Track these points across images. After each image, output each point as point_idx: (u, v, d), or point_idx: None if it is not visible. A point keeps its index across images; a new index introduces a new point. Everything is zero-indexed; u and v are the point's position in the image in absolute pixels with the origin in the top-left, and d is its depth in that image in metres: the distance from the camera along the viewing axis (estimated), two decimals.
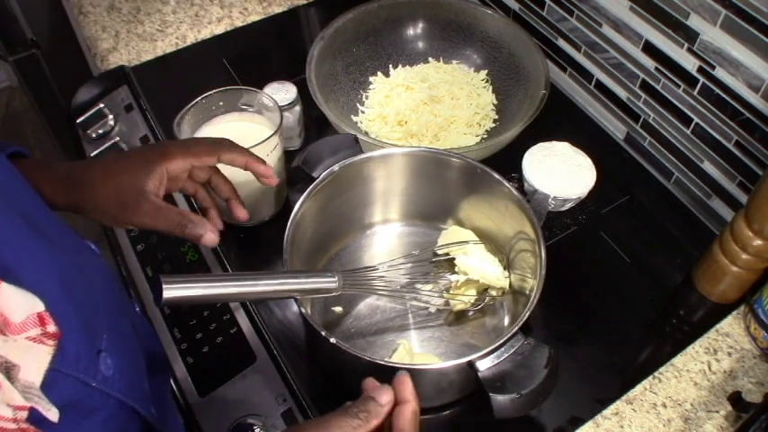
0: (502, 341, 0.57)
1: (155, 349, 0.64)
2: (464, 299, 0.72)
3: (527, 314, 0.59)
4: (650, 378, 0.70)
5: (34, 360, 0.35)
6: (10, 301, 0.33)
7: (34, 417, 0.33)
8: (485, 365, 0.57)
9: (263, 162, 0.63)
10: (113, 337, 0.45)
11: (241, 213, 0.64)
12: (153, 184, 0.55)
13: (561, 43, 0.98)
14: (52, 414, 0.32)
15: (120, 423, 0.44)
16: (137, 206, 0.54)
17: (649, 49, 0.83)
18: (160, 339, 0.70)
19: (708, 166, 0.84)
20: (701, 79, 0.78)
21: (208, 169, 0.63)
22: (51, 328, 0.36)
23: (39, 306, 0.35)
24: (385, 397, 0.48)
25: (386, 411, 0.47)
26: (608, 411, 0.68)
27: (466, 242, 0.74)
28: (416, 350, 0.71)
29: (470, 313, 0.73)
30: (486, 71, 0.97)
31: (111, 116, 0.93)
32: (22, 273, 0.36)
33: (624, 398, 0.69)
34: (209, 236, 0.55)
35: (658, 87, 0.85)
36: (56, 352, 0.36)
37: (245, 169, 0.62)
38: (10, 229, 0.39)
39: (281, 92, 0.84)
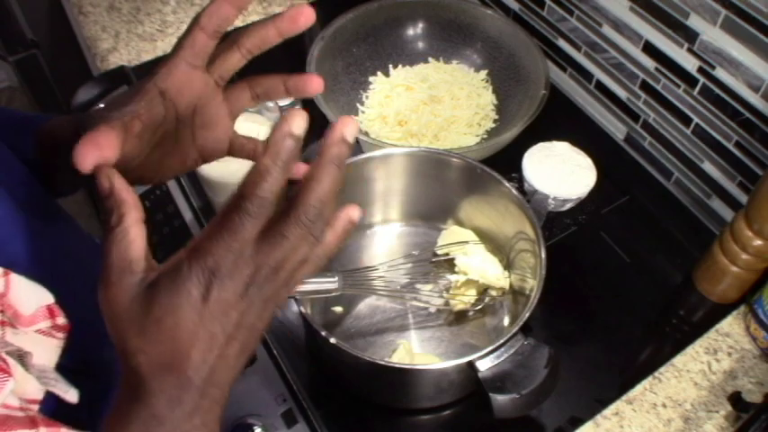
0: (502, 341, 0.57)
1: None
2: (464, 299, 0.72)
3: (527, 314, 0.59)
4: (650, 378, 0.70)
5: (44, 352, 0.35)
6: (20, 294, 0.33)
7: (47, 409, 0.33)
8: (485, 365, 0.57)
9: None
10: None
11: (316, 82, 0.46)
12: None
13: (561, 43, 0.98)
14: (71, 395, 0.32)
15: None
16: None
17: (649, 49, 0.83)
18: None
19: (708, 166, 0.84)
20: (701, 79, 0.78)
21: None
22: (61, 320, 0.36)
23: (48, 298, 0.36)
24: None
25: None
26: (608, 411, 0.68)
27: (466, 242, 0.74)
28: (416, 350, 0.71)
29: (470, 313, 0.73)
30: (486, 71, 0.97)
31: None
32: (30, 266, 0.36)
33: (624, 398, 0.69)
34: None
35: (658, 87, 0.85)
36: (65, 345, 0.36)
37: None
38: (19, 223, 0.39)
39: None
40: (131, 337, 0.32)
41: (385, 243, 0.80)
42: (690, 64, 0.79)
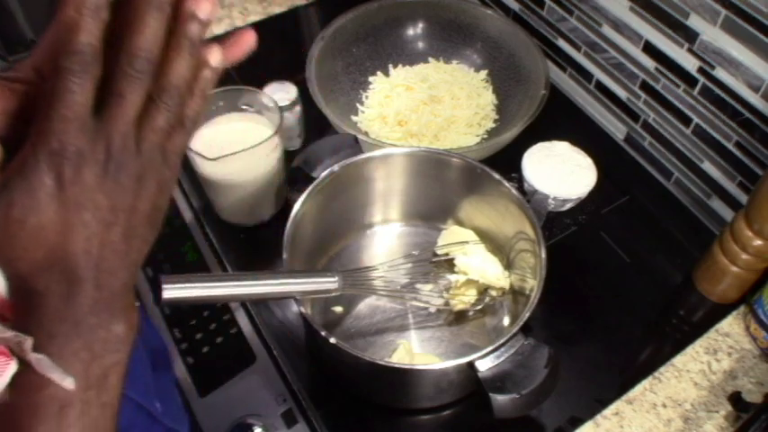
0: (502, 341, 0.57)
1: (157, 345, 0.64)
2: (464, 299, 0.72)
3: (527, 314, 0.59)
4: (650, 378, 0.70)
5: None
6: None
7: None
8: (485, 365, 0.57)
9: None
10: None
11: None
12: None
13: (561, 43, 0.98)
14: (68, 383, 0.31)
15: (126, 418, 0.44)
16: None
17: (649, 49, 0.83)
18: (162, 336, 0.71)
19: (708, 166, 0.84)
20: (701, 79, 0.78)
21: None
22: None
23: None
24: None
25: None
26: (608, 411, 0.68)
27: (466, 242, 0.74)
28: (416, 350, 0.71)
29: (470, 313, 0.73)
30: (486, 71, 0.97)
31: None
32: None
33: (624, 398, 0.69)
34: None
35: (658, 87, 0.85)
36: None
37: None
38: None
39: (281, 92, 0.84)
40: (3, 249, 0.30)
41: (385, 243, 0.80)
42: (690, 64, 0.79)
